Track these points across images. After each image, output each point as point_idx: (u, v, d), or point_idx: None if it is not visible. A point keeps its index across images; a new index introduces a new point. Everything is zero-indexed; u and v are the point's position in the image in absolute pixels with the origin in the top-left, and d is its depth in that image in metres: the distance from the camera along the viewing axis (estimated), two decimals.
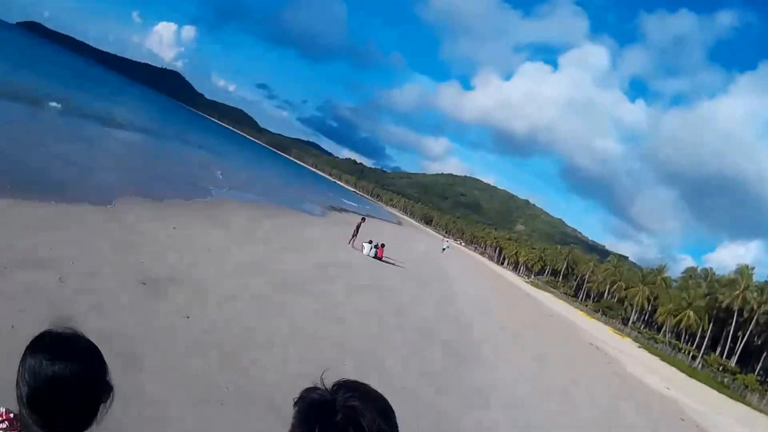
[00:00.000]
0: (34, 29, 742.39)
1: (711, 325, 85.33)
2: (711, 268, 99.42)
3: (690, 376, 63.54)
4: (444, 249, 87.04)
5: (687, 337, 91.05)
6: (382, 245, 31.93)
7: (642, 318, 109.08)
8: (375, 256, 30.95)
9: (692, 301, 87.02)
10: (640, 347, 76.13)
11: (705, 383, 62.73)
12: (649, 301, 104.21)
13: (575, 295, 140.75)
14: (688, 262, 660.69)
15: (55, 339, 1.56)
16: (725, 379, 69.72)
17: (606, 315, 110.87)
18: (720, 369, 75.39)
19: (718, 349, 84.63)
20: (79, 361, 1.53)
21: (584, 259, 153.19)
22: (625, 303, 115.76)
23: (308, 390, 1.29)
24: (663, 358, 71.47)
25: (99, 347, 1.64)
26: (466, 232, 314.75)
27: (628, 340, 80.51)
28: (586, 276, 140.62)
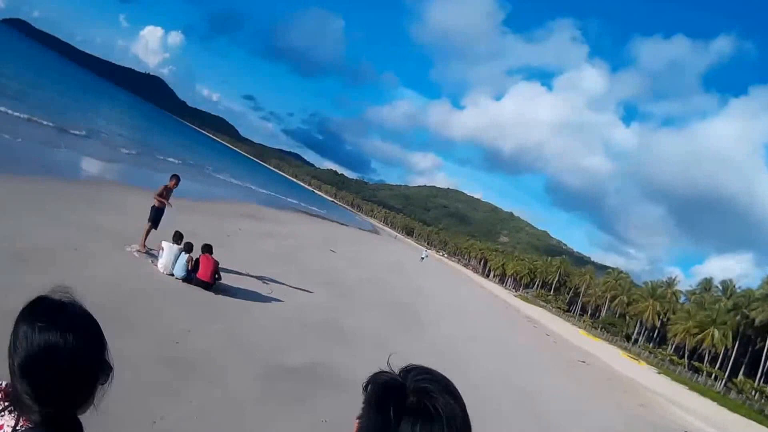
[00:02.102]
0: (19, 27, 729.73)
1: (737, 344, 74.01)
2: (731, 280, 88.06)
3: (724, 407, 52.50)
4: (423, 258, 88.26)
5: (699, 356, 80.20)
6: (206, 250, 13.10)
7: (648, 334, 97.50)
8: (185, 277, 12.63)
9: (716, 317, 75.45)
10: (659, 373, 64.90)
11: (749, 417, 51.47)
12: (659, 317, 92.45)
13: (569, 310, 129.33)
14: (676, 274, 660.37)
15: (51, 305, 1.45)
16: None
17: (608, 332, 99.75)
18: (755, 394, 64.20)
19: (742, 370, 73.72)
20: (76, 331, 1.42)
21: (579, 272, 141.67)
22: (627, 318, 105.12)
23: (378, 374, 1.29)
24: (691, 387, 60.26)
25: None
26: (449, 243, 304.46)
27: (644, 365, 68.93)
28: (581, 289, 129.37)
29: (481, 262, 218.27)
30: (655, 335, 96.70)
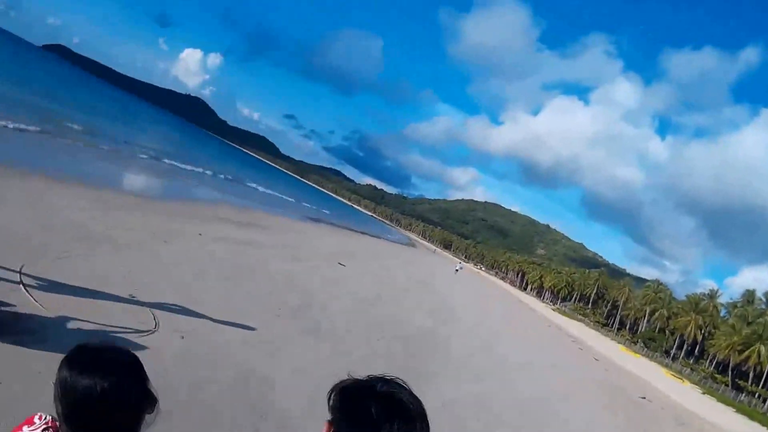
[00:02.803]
0: (59, 53, 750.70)
1: None
2: None
3: None
4: (457, 270, 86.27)
5: (741, 373, 76.24)
6: None
7: (688, 349, 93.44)
8: None
9: (762, 332, 71.71)
10: (703, 393, 61.57)
11: None
12: (700, 331, 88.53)
13: (607, 323, 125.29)
14: (710, 286, 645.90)
15: (90, 351, 1.54)
16: None
17: (647, 347, 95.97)
18: None
19: None
20: (112, 373, 1.49)
21: (617, 284, 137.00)
22: (666, 332, 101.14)
23: (343, 381, 1.33)
24: (738, 409, 57.04)
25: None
26: (486, 256, 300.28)
27: (687, 385, 65.61)
28: (620, 302, 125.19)
29: (519, 275, 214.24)
30: (695, 350, 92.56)
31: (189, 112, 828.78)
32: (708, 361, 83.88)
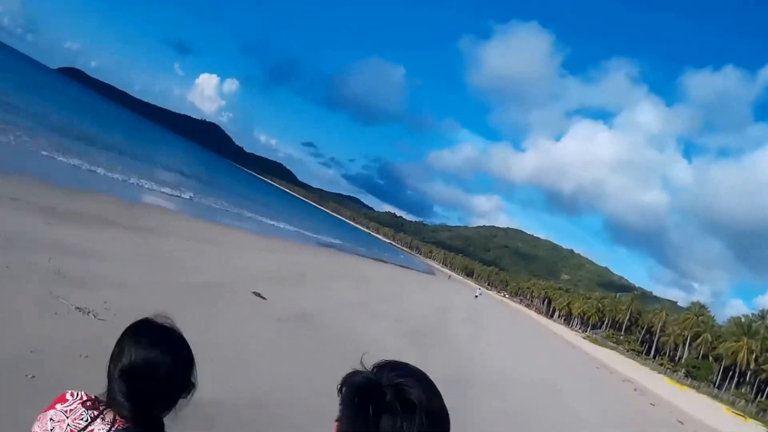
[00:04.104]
0: (74, 76, 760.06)
1: None
2: None
3: None
4: (477, 296, 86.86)
5: None
6: None
7: (740, 378, 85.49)
8: None
9: None
10: None
11: None
12: (753, 356, 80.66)
13: (643, 351, 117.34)
14: (739, 306, 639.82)
15: (156, 327, 1.76)
16: None
17: (691, 376, 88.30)
18: None
19: None
20: (171, 352, 1.71)
21: (653, 309, 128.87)
22: (710, 359, 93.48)
23: (351, 374, 1.31)
24: None
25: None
26: (510, 283, 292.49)
27: (751, 422, 58.45)
28: (656, 328, 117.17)
29: (545, 302, 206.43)
30: (746, 378, 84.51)
31: (205, 138, 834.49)
32: (764, 391, 75.99)
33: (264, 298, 13.32)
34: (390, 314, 21.76)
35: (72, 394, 1.70)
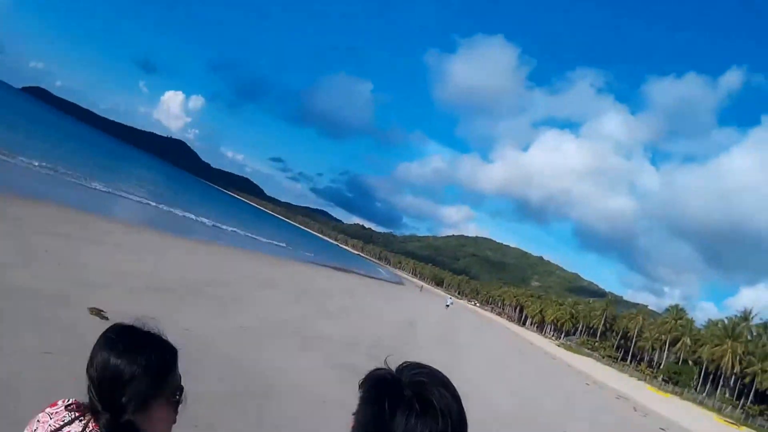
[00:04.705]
0: (39, 95, 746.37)
1: None
2: None
3: None
4: (448, 305, 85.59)
5: None
6: None
7: (725, 383, 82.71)
8: None
9: None
10: None
11: None
12: (740, 361, 77.87)
13: (620, 357, 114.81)
14: (710, 308, 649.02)
15: (130, 331, 1.71)
16: None
17: (672, 382, 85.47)
18: None
19: None
20: (139, 356, 1.64)
21: (629, 314, 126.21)
22: (690, 363, 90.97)
23: (374, 370, 1.31)
24: None
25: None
26: (480, 291, 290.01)
27: (744, 430, 55.48)
28: (632, 333, 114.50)
29: (516, 310, 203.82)
30: (730, 383, 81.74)
31: (171, 155, 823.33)
32: (749, 395, 73.33)
33: (105, 318, 8.71)
34: (335, 337, 17.08)
35: (64, 400, 1.70)
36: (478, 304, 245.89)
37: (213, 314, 13.17)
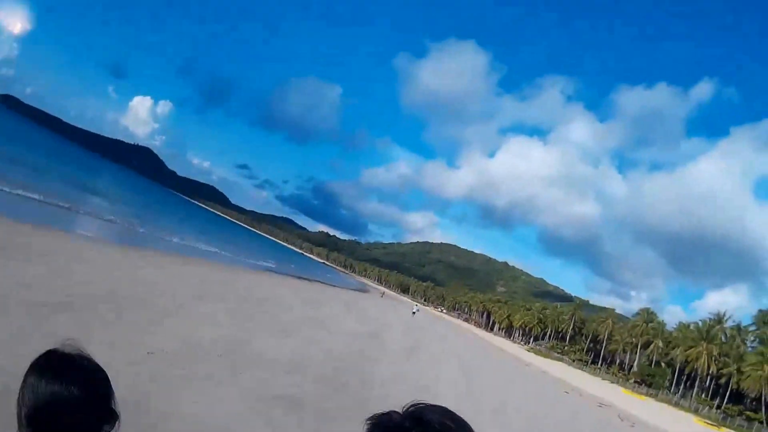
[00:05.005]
0: (8, 103, 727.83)
1: None
2: None
3: None
4: (414, 312, 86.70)
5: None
6: None
7: (701, 385, 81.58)
8: None
9: None
10: None
11: None
12: (715, 363, 76.74)
13: (590, 360, 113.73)
14: (677, 311, 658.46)
15: (59, 358, 1.58)
16: None
17: (647, 385, 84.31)
18: None
19: None
20: (80, 382, 1.53)
21: (598, 318, 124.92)
22: (663, 365, 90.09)
23: (380, 413, 1.19)
24: None
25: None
26: (447, 297, 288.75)
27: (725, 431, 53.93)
28: (602, 336, 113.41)
29: (484, 315, 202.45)
30: (706, 384, 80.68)
31: (137, 163, 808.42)
32: (725, 395, 72.26)
33: None
34: (280, 358, 13.84)
35: None
36: (444, 311, 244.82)
37: (116, 336, 9.92)
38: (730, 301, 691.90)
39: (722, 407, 72.02)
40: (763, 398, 66.34)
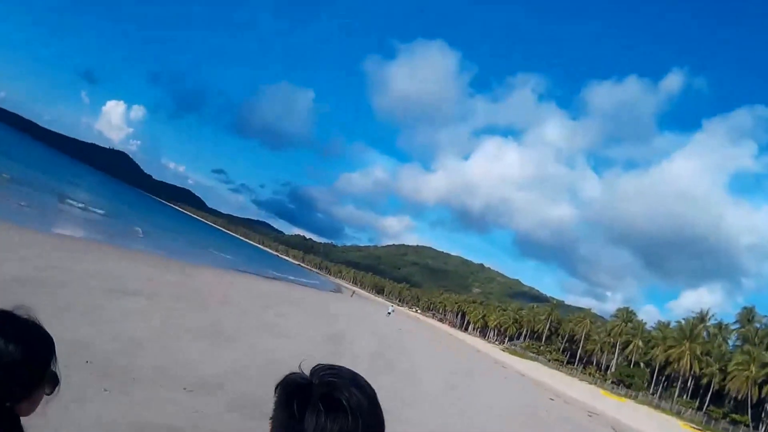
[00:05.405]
0: None
1: None
2: None
3: None
4: (389, 313, 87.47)
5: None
6: None
7: (681, 386, 78.73)
8: None
9: None
10: None
11: None
12: (699, 363, 73.87)
13: (568, 361, 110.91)
14: (653, 311, 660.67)
15: (6, 317, 1.68)
16: None
17: (626, 386, 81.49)
18: None
19: None
20: (20, 341, 1.64)
21: (575, 318, 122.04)
22: (642, 366, 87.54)
23: (287, 375, 1.33)
24: None
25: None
26: (422, 298, 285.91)
27: None
28: (579, 336, 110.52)
29: (458, 316, 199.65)
30: (687, 385, 77.82)
31: (113, 167, 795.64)
32: (706, 396, 69.58)
33: None
34: (190, 375, 9.93)
35: None
36: (419, 311, 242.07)
37: None
38: (706, 301, 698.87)
39: (704, 409, 69.32)
40: (749, 400, 63.45)
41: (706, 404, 70.90)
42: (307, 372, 1.32)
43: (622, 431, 37.04)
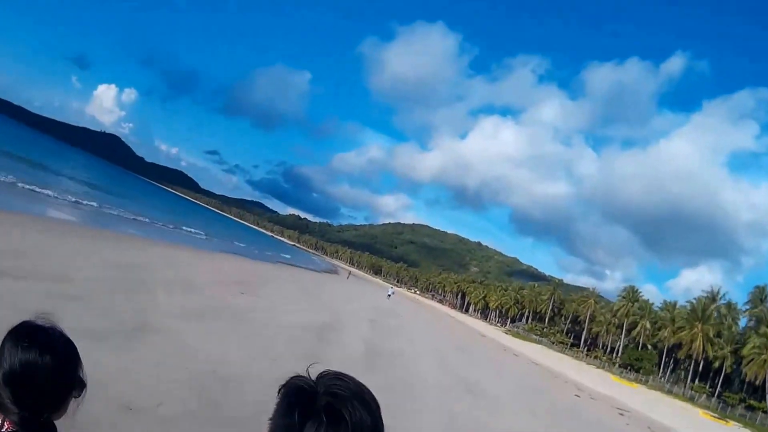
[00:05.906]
0: None
1: None
2: None
3: None
4: (389, 295, 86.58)
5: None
6: None
7: (693, 369, 77.21)
8: None
9: None
10: None
11: None
12: (711, 345, 72.34)
13: (573, 344, 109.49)
14: (652, 290, 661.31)
15: (34, 328, 1.77)
16: None
17: (635, 370, 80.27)
18: None
19: None
20: (52, 351, 1.73)
21: (579, 298, 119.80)
22: (649, 348, 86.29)
23: (293, 377, 1.30)
24: None
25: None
26: (420, 278, 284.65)
27: (733, 425, 49.69)
28: (584, 317, 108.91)
29: (458, 296, 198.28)
30: (698, 368, 76.19)
31: (105, 150, 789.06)
32: (717, 379, 68.38)
33: None
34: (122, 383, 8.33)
35: None
36: (418, 292, 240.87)
37: None
38: (705, 279, 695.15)
39: (716, 393, 68.02)
40: (767, 384, 62.04)
41: (717, 388, 69.70)
42: (313, 376, 1.29)
43: (658, 429, 35.18)
